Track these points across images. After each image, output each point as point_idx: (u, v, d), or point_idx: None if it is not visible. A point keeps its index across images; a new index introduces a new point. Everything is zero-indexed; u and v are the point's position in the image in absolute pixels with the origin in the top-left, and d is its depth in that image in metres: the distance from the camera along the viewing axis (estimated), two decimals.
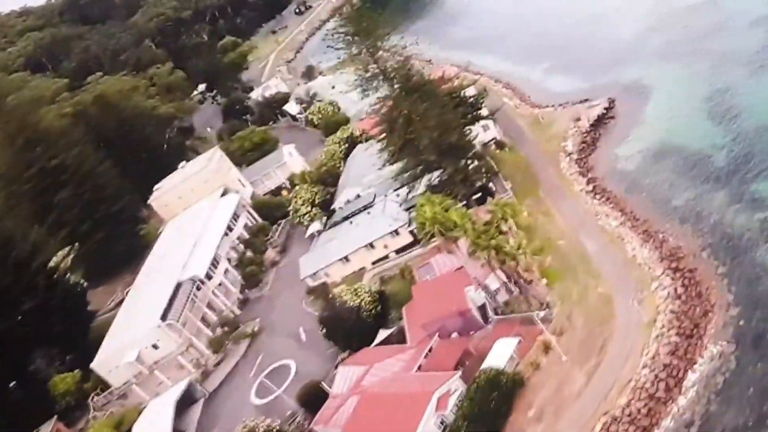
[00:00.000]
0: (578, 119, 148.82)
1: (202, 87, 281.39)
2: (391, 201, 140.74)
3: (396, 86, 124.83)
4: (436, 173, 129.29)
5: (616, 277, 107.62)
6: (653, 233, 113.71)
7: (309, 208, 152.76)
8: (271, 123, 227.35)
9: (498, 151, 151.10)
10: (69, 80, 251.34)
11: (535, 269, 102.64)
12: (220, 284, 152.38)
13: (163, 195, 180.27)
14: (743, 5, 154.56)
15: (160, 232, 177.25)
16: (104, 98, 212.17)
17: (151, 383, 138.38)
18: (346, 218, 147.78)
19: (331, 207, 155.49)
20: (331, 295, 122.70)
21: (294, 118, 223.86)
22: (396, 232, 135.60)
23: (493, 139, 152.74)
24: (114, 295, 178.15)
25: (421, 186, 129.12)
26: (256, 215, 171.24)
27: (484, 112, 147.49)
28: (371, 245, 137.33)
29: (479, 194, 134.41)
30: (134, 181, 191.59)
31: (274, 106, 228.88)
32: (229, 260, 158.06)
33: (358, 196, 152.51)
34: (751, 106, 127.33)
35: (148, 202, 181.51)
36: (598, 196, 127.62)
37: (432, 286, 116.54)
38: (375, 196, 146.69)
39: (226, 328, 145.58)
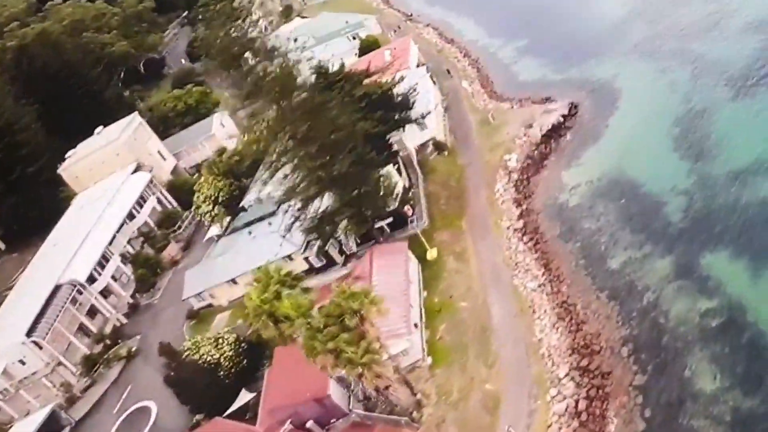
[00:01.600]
0: (531, 126, 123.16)
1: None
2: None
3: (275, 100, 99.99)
4: (326, 199, 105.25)
5: (514, 369, 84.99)
6: (572, 309, 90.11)
7: (210, 207, 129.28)
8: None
9: (436, 154, 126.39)
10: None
11: (390, 376, 79.41)
12: (106, 287, 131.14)
13: (74, 165, 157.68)
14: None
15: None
16: (46, 36, 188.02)
17: (19, 401, 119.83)
18: (247, 224, 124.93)
19: (241, 204, 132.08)
20: (180, 353, 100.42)
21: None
22: (290, 257, 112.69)
23: (431, 140, 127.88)
24: (23, 267, 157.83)
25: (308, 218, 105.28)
26: (170, 198, 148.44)
27: (420, 110, 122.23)
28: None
29: (391, 219, 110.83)
30: (66, 137, 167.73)
31: None
32: (124, 256, 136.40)
33: (270, 195, 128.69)
34: (725, 141, 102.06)
35: (58, 171, 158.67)
36: (525, 238, 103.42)
37: (296, 353, 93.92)
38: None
39: (105, 343, 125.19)
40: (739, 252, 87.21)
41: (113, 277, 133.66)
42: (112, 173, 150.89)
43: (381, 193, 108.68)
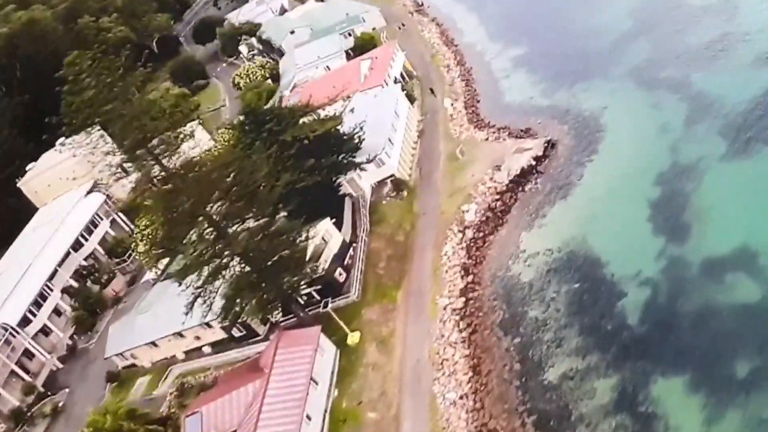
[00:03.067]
0: (499, 168, 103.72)
1: None
2: None
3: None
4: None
5: None
6: None
7: (147, 246, 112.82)
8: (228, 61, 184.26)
9: (394, 194, 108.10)
10: None
11: None
12: (43, 328, 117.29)
13: (33, 179, 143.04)
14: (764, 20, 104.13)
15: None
16: (34, 24, 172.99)
17: None
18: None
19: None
20: None
21: (255, 55, 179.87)
22: (208, 324, 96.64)
23: (390, 177, 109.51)
24: None
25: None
26: (126, 221, 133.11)
27: (370, 151, 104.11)
28: (180, 334, 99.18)
29: (319, 287, 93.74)
30: (42, 142, 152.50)
31: (238, 39, 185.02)
32: (67, 291, 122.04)
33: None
34: (708, 214, 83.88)
35: (18, 184, 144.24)
36: (462, 324, 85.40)
37: None
38: None
39: (36, 393, 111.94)
40: (697, 384, 68.91)
41: (57, 311, 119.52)
42: (70, 190, 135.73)
43: (305, 259, 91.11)
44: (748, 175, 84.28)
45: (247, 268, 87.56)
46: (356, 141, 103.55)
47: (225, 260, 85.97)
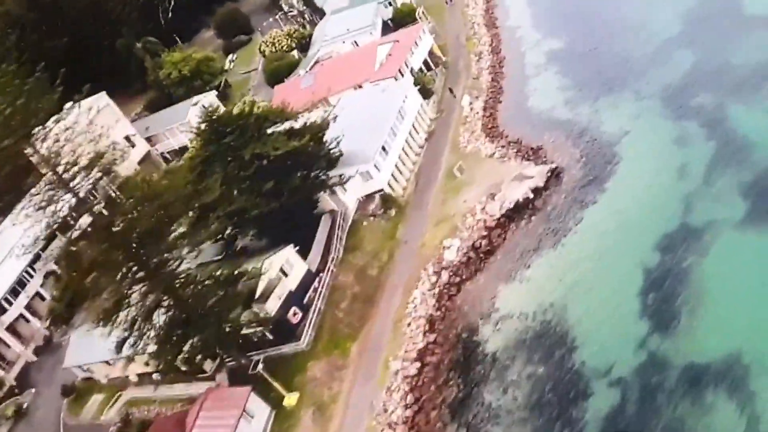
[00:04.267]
0: (494, 196, 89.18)
1: None
2: None
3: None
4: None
5: None
6: None
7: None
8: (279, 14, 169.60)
9: (381, 213, 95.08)
10: None
11: None
12: (20, 317, 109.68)
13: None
14: None
15: None
16: None
17: None
18: None
19: None
20: None
21: (296, 16, 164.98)
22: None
23: (379, 191, 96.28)
24: None
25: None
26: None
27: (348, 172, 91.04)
28: (131, 358, 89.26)
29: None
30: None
31: None
32: (52, 276, 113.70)
33: None
34: (705, 305, 69.66)
35: None
36: (409, 399, 73.19)
37: None
38: None
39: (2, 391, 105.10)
40: None
41: (39, 295, 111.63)
42: None
43: (253, 298, 79.59)
44: (761, 259, 68.07)
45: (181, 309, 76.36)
46: (332, 156, 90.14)
47: (151, 303, 74.91)
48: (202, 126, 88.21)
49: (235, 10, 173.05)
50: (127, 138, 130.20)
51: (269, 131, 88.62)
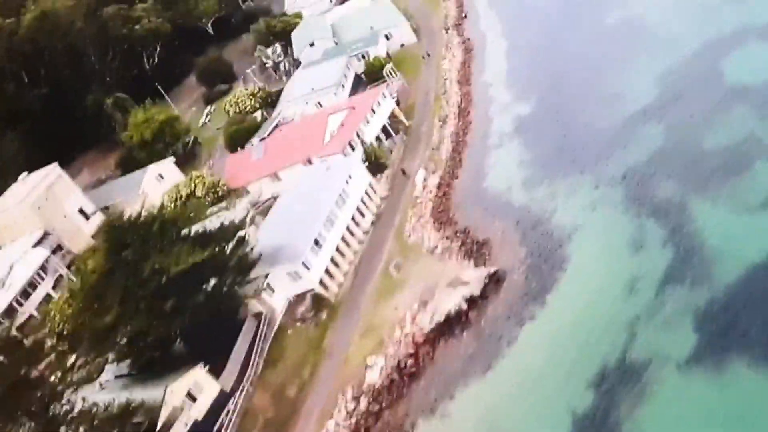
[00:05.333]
0: (426, 303, 78.09)
1: None
2: None
3: None
4: None
5: None
6: None
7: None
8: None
9: (311, 315, 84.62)
10: None
11: None
12: None
13: None
14: None
15: None
16: (45, 18, 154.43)
17: None
18: None
19: None
20: None
21: (271, 67, 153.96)
22: None
23: (310, 291, 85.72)
24: None
25: None
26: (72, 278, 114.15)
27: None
28: None
29: None
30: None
31: (270, 39, 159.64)
32: None
33: None
34: None
35: None
36: None
37: None
38: None
39: None
40: None
41: None
42: (21, 236, 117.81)
43: None
44: (704, 412, 56.16)
45: None
46: (247, 262, 79.75)
47: None
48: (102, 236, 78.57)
49: (217, 58, 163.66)
50: (81, 211, 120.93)
51: (184, 231, 78.71)
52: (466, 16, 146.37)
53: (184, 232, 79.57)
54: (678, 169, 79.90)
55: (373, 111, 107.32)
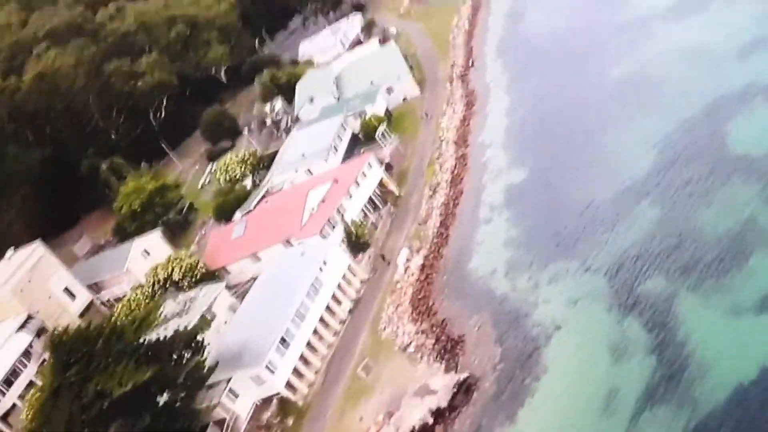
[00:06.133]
0: (391, 415, 71.73)
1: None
2: None
3: None
4: None
5: None
6: None
7: None
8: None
9: (275, 422, 78.89)
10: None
11: None
12: None
13: None
14: None
15: None
16: (43, 79, 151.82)
17: None
18: None
19: None
20: None
21: (271, 125, 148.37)
22: None
23: (276, 395, 79.71)
24: None
25: None
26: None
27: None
28: None
29: None
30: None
31: (274, 91, 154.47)
32: None
33: None
34: None
35: None
36: None
37: None
38: None
39: None
40: None
41: None
42: (3, 321, 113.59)
43: None
44: None
45: None
46: (201, 374, 74.02)
47: None
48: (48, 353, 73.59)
49: (221, 113, 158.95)
50: (67, 290, 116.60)
51: (141, 338, 73.40)
52: (473, 64, 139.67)
53: (141, 338, 73.90)
54: (669, 259, 72.53)
55: (358, 183, 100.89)
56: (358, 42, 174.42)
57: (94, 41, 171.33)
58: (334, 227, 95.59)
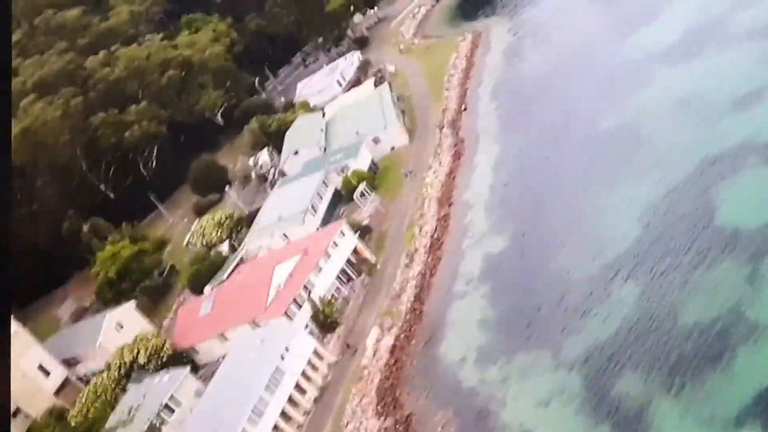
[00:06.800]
0: None
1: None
2: None
3: None
4: None
5: None
6: None
7: None
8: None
9: None
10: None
11: None
12: None
13: None
14: None
15: None
16: (28, 134, 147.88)
17: None
18: None
19: None
20: None
21: (257, 179, 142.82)
22: None
23: None
24: None
25: None
26: None
27: None
28: None
29: None
30: None
31: (266, 140, 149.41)
32: None
33: None
34: None
35: None
36: None
37: None
38: None
39: None
40: None
41: None
42: None
43: None
44: None
45: None
46: None
47: None
48: None
49: (210, 164, 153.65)
50: (41, 366, 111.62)
51: None
52: (465, 109, 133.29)
53: None
54: (646, 355, 65.62)
55: (328, 255, 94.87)
56: (357, 81, 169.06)
57: (83, 89, 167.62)
58: (300, 306, 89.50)
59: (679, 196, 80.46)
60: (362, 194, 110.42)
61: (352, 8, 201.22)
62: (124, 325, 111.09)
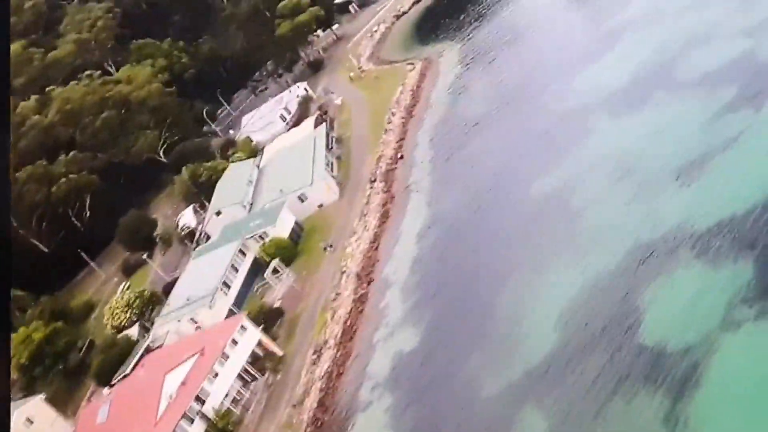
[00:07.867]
0: None
1: None
2: None
3: None
4: None
5: None
6: None
7: None
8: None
9: None
10: None
11: None
12: None
13: None
14: None
15: None
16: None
17: None
18: None
19: None
20: None
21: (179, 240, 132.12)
22: None
23: None
24: None
25: None
26: None
27: None
28: None
29: None
30: None
31: (197, 192, 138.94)
32: None
33: None
34: None
35: None
36: None
37: None
38: None
39: None
40: None
41: None
42: None
43: None
44: None
45: None
46: None
47: None
48: None
49: (139, 218, 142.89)
50: None
51: None
52: (402, 157, 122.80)
53: None
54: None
55: (226, 356, 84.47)
56: (303, 115, 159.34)
57: (15, 138, 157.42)
58: (192, 421, 79.22)
59: (603, 297, 70.20)
60: (275, 270, 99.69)
61: (306, 30, 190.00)
62: (34, 420, 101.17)
